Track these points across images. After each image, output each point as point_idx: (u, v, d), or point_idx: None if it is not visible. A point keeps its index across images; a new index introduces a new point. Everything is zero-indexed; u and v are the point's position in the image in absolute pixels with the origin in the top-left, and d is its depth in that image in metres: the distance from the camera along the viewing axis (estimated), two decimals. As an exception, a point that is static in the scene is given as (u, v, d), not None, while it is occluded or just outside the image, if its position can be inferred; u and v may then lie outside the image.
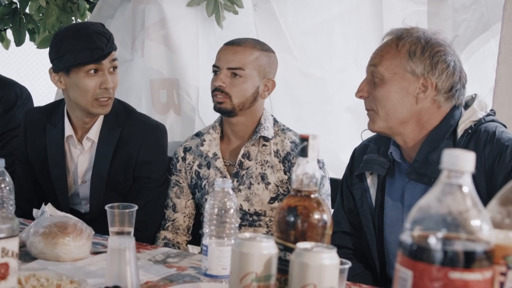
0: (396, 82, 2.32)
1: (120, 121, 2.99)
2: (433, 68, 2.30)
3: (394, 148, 2.46)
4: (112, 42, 2.89)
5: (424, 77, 2.31)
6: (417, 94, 2.32)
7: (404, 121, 2.35)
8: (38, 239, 2.16)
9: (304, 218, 1.59)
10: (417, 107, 2.33)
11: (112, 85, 2.87)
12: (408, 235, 1.16)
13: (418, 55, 2.31)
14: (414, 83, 2.31)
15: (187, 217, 3.04)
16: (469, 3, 3.24)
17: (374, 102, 2.38)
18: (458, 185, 1.14)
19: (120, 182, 2.97)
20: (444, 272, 1.11)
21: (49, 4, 4.12)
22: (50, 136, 3.01)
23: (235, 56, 2.85)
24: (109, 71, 2.88)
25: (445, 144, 2.29)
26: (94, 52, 2.82)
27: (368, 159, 2.52)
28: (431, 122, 2.37)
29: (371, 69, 2.39)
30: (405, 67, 2.31)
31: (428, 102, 2.33)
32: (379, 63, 2.36)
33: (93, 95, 2.85)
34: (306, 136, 1.60)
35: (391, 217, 2.47)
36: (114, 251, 1.75)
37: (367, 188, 2.51)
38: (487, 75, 3.19)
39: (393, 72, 2.33)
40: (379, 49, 2.41)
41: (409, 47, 2.32)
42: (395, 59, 2.33)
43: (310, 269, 1.47)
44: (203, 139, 2.96)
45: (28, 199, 2.98)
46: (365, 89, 2.41)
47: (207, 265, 1.89)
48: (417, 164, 2.35)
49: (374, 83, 2.37)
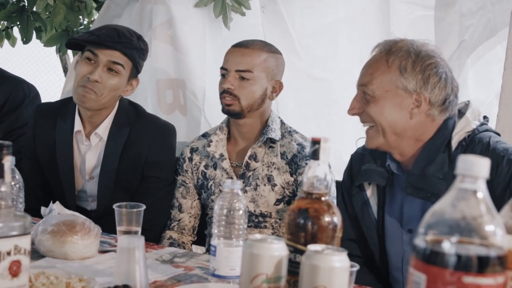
0: (389, 99, 2.30)
1: (130, 121, 3.01)
2: (425, 83, 2.27)
3: (391, 161, 2.44)
4: (121, 42, 2.89)
5: (417, 93, 2.28)
6: (411, 110, 2.30)
7: (400, 135, 2.33)
8: (47, 237, 2.17)
9: (314, 221, 1.59)
10: (411, 122, 2.31)
11: (96, 78, 2.86)
12: (421, 239, 1.17)
13: (409, 70, 2.27)
14: (407, 99, 2.29)
15: (193, 217, 3.05)
16: (476, 9, 3.25)
17: (368, 117, 2.36)
18: (472, 191, 1.15)
19: (128, 180, 2.99)
20: (457, 276, 1.11)
21: (56, 3, 4.13)
22: (60, 131, 3.03)
23: (243, 59, 2.85)
24: (104, 67, 2.89)
25: (441, 158, 2.28)
26: (92, 36, 2.89)
27: (367, 169, 2.50)
28: (426, 135, 2.35)
29: (362, 88, 2.36)
30: (396, 84, 2.28)
31: (423, 116, 2.31)
32: (369, 82, 2.33)
33: (80, 81, 2.89)
34: (318, 139, 1.61)
35: (391, 230, 2.46)
36: (123, 250, 1.76)
37: (367, 200, 2.50)
38: (493, 80, 3.20)
39: (384, 90, 2.30)
40: (368, 66, 2.37)
41: (399, 62, 2.29)
42: (385, 76, 2.30)
43: (321, 271, 1.48)
44: (210, 140, 2.97)
45: (34, 196, 2.99)
46: (357, 107, 2.38)
47: (215, 265, 1.90)
48: (413, 177, 2.33)
49: (366, 99, 2.35)
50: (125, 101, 3.07)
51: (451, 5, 3.26)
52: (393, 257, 2.47)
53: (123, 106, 3.04)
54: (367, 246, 2.53)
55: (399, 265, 2.45)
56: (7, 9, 4.29)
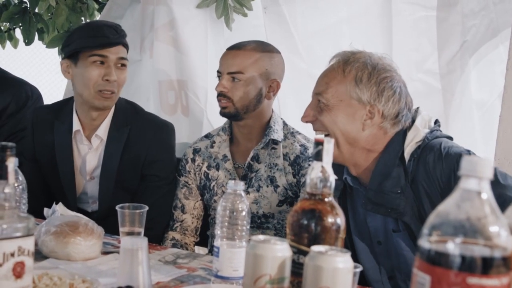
0: (342, 108, 2.30)
1: (128, 120, 3.02)
2: (379, 96, 2.28)
3: (348, 175, 2.43)
4: (121, 36, 2.94)
5: (371, 104, 2.28)
6: (364, 121, 2.30)
7: (352, 145, 2.33)
8: (50, 238, 2.18)
9: (318, 222, 1.59)
10: (363, 134, 2.31)
11: (115, 78, 2.90)
12: (426, 240, 1.16)
13: (365, 82, 2.28)
14: (360, 110, 2.29)
15: (196, 218, 3.05)
16: (479, 9, 3.24)
17: (321, 126, 2.35)
18: (476, 192, 1.15)
19: (129, 180, 3.00)
20: (462, 277, 1.11)
21: (58, 4, 4.13)
22: (58, 133, 3.04)
23: (234, 60, 2.87)
24: (115, 66, 2.92)
25: (397, 172, 2.27)
26: (99, 39, 2.89)
27: None
28: (377, 147, 2.34)
29: (317, 97, 2.36)
30: (351, 94, 2.29)
31: (375, 128, 2.32)
32: (324, 90, 2.33)
33: (96, 86, 2.90)
34: (321, 140, 1.61)
35: (361, 245, 2.44)
36: (126, 251, 1.76)
37: None
38: (496, 81, 3.19)
39: (339, 99, 2.31)
40: (325, 75, 2.38)
41: (355, 73, 2.29)
42: (341, 85, 2.31)
43: (324, 272, 1.48)
44: (213, 141, 2.98)
45: (36, 198, 2.99)
46: (310, 114, 2.38)
47: (218, 266, 1.90)
48: (371, 193, 2.32)
49: (320, 108, 2.35)
50: (122, 100, 3.08)
51: (453, 5, 3.26)
52: (370, 271, 2.45)
53: (120, 105, 3.06)
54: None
55: (378, 277, 2.44)
56: (9, 10, 4.29)
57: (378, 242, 2.40)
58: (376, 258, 2.43)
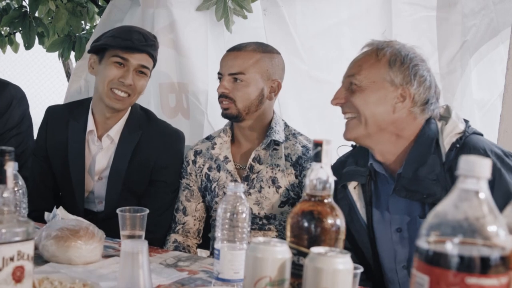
0: (374, 90, 2.32)
1: (141, 125, 3.06)
2: (412, 80, 2.31)
3: (374, 161, 2.45)
4: (148, 45, 2.96)
5: (403, 87, 2.31)
6: (395, 104, 2.32)
7: (381, 128, 2.34)
8: (50, 242, 2.18)
9: (317, 223, 1.59)
10: (393, 116, 2.33)
11: (130, 82, 2.93)
12: (424, 241, 1.16)
13: (398, 65, 2.31)
14: (392, 92, 2.31)
15: (198, 220, 3.05)
16: (479, 9, 3.25)
17: (352, 108, 2.37)
18: (474, 191, 1.15)
19: (136, 183, 3.02)
20: (460, 277, 1.11)
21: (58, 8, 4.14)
22: (73, 131, 3.07)
23: (235, 61, 2.86)
24: (135, 71, 2.94)
25: (432, 159, 2.28)
26: (124, 41, 2.91)
27: (347, 171, 2.51)
28: (407, 133, 2.36)
29: (349, 79, 2.38)
30: (384, 76, 2.31)
31: (405, 112, 2.33)
32: (357, 72, 2.36)
33: (110, 83, 2.93)
34: (320, 141, 1.61)
35: (380, 231, 2.46)
36: (127, 254, 1.76)
37: (354, 203, 2.49)
38: (496, 80, 3.20)
39: (371, 81, 2.32)
40: (357, 59, 2.41)
41: (389, 57, 2.32)
42: (374, 68, 2.33)
43: (324, 274, 1.48)
44: (214, 143, 2.97)
45: (43, 197, 3.02)
46: (341, 96, 2.40)
47: (219, 269, 1.89)
48: (405, 180, 2.33)
49: (351, 90, 2.37)
50: (137, 105, 3.13)
51: (453, 5, 3.26)
52: (385, 259, 2.46)
53: (135, 110, 3.10)
54: (359, 251, 2.52)
55: (393, 266, 2.45)
56: (10, 15, 4.30)
57: (397, 229, 2.41)
58: (393, 246, 2.43)
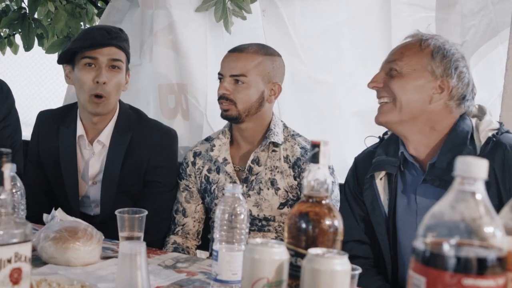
0: (414, 78, 2.35)
1: (131, 126, 3.02)
2: (452, 73, 2.34)
3: (404, 149, 2.46)
4: (112, 37, 2.93)
5: (442, 79, 2.34)
6: (432, 94, 2.34)
7: (414, 116, 2.36)
8: (49, 243, 2.18)
9: (315, 224, 1.59)
10: (429, 107, 2.35)
11: (104, 80, 2.89)
12: (421, 242, 1.16)
13: (440, 57, 2.34)
14: (431, 82, 2.34)
15: (197, 221, 3.05)
16: (478, 9, 3.24)
17: (389, 92, 2.39)
18: (471, 192, 1.14)
19: (131, 185, 3.00)
20: (457, 278, 1.11)
21: (57, 10, 4.13)
22: (63, 137, 3.05)
23: (237, 63, 2.86)
24: (107, 68, 2.91)
25: (467, 151, 2.30)
26: (86, 40, 2.89)
27: (377, 161, 2.52)
28: (441, 126, 2.38)
29: (389, 64, 2.41)
30: (425, 66, 2.34)
31: (441, 105, 2.36)
32: (399, 58, 2.38)
33: (89, 89, 2.90)
34: (318, 142, 1.61)
35: (404, 220, 2.47)
36: (125, 256, 1.76)
37: (378, 194, 2.51)
38: (495, 81, 3.19)
39: (412, 68, 2.35)
40: (400, 46, 2.44)
41: (432, 48, 2.36)
42: (416, 56, 2.36)
43: (322, 275, 1.48)
44: (213, 144, 2.97)
45: (39, 202, 3.00)
46: (380, 80, 2.42)
47: (217, 270, 1.89)
48: (439, 171, 2.34)
49: (391, 75, 2.39)
50: (126, 105, 3.09)
51: (452, 6, 3.25)
52: (407, 248, 2.46)
53: (124, 110, 3.06)
54: (377, 242, 2.53)
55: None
56: (9, 16, 4.29)
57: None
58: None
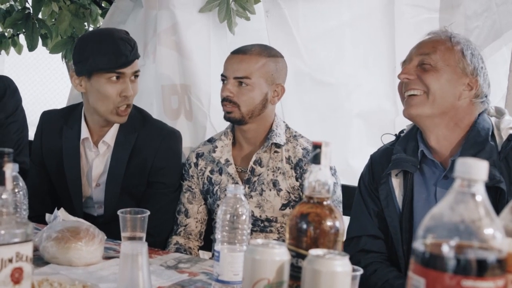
0: (448, 73, 2.37)
1: (136, 127, 3.01)
2: (481, 72, 2.39)
3: (424, 147, 2.47)
4: (136, 50, 2.92)
5: (471, 78, 2.38)
6: (462, 91, 2.38)
7: (444, 111, 2.39)
8: (51, 243, 2.18)
9: (316, 225, 1.59)
10: (458, 103, 2.39)
11: (131, 93, 2.90)
12: (420, 243, 1.16)
13: (470, 56, 2.38)
14: (462, 79, 2.37)
15: (199, 222, 3.05)
16: (481, 11, 3.24)
17: (422, 85, 2.40)
18: (471, 194, 1.14)
19: (135, 186, 3.00)
20: (456, 280, 1.11)
21: (61, 10, 4.14)
22: (67, 138, 3.04)
23: (240, 65, 2.85)
24: (130, 79, 2.91)
25: (489, 146, 2.33)
26: (119, 58, 2.84)
27: (397, 158, 2.52)
28: (464, 122, 2.41)
29: (422, 57, 2.42)
30: (457, 63, 2.37)
31: (467, 102, 2.39)
32: (433, 52, 2.40)
33: (115, 102, 2.88)
34: (319, 143, 1.61)
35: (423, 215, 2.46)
36: (126, 256, 1.76)
37: (393, 189, 2.51)
38: (499, 82, 3.18)
39: (446, 63, 2.38)
40: (430, 41, 2.45)
41: (462, 46, 2.40)
42: (449, 52, 2.39)
43: (323, 276, 1.48)
44: (215, 145, 2.97)
45: (42, 203, 3.00)
46: (411, 72, 2.43)
47: (218, 270, 1.89)
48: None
49: (423, 68, 2.40)
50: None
51: (456, 7, 3.25)
52: None
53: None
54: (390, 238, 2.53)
55: None
56: (13, 16, 4.30)
57: None
58: None
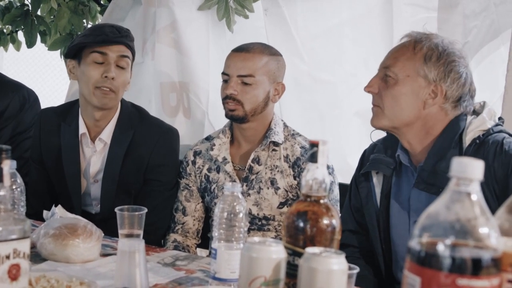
0: (408, 84, 2.34)
1: (133, 124, 3.02)
2: (446, 76, 2.32)
3: (402, 152, 2.47)
4: (123, 36, 2.93)
5: (436, 84, 2.33)
6: (426, 100, 2.34)
7: (408, 123, 2.37)
8: (48, 240, 2.18)
9: (313, 223, 1.59)
10: (423, 112, 2.35)
11: (113, 75, 2.89)
12: (416, 242, 1.17)
13: (434, 61, 2.32)
14: (425, 88, 2.33)
15: (197, 220, 3.05)
16: (480, 10, 3.24)
17: (382, 100, 2.39)
18: (466, 193, 1.15)
19: (131, 183, 3.00)
20: (452, 279, 1.11)
21: (60, 7, 4.14)
22: (65, 135, 3.04)
23: (244, 63, 2.85)
24: (116, 65, 2.91)
25: (452, 153, 2.30)
26: (99, 36, 2.89)
27: (375, 158, 2.53)
28: (436, 128, 2.38)
29: (384, 70, 2.40)
30: (418, 71, 2.33)
31: (435, 108, 2.36)
32: (393, 64, 2.38)
33: (94, 83, 2.90)
34: (316, 141, 1.61)
35: (397, 219, 2.48)
36: (124, 253, 1.76)
37: (373, 187, 2.52)
38: (497, 82, 3.19)
39: (406, 74, 2.34)
40: (394, 51, 2.43)
41: (426, 51, 2.34)
42: (409, 61, 2.35)
43: (319, 274, 1.48)
44: (213, 143, 2.97)
45: (41, 200, 3.01)
46: (375, 85, 2.42)
47: (215, 268, 1.89)
48: (425, 173, 2.35)
49: (386, 82, 2.39)
50: (128, 103, 3.09)
51: (454, 6, 3.25)
52: (400, 247, 2.47)
53: (125, 108, 3.05)
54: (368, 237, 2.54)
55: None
56: (11, 13, 4.30)
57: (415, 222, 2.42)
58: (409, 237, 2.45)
